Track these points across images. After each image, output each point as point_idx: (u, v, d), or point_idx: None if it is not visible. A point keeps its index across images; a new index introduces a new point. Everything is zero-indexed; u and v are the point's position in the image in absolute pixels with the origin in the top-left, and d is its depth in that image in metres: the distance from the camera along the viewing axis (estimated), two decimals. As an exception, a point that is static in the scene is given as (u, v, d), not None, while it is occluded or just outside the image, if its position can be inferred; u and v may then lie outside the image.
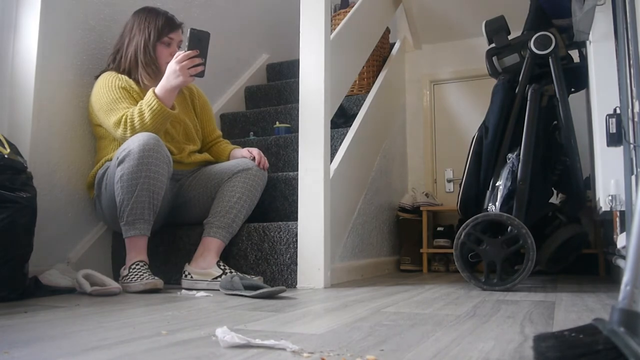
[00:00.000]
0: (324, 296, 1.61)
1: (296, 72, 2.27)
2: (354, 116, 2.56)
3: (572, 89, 2.08)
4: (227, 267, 1.83)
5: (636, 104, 1.30)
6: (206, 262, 1.84)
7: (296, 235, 1.91)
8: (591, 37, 1.74)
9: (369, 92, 2.79)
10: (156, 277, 1.73)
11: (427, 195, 2.96)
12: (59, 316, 1.20)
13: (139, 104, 1.87)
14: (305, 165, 1.96)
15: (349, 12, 2.63)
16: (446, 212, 3.05)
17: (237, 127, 2.94)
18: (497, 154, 1.94)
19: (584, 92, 2.23)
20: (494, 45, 2.05)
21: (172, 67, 1.84)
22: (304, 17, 2.05)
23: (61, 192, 1.98)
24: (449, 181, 3.18)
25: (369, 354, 0.78)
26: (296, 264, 1.89)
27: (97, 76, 2.01)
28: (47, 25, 1.93)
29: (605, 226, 2.34)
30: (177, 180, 2.06)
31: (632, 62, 1.35)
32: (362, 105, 2.65)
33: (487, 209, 1.89)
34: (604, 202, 1.57)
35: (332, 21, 2.82)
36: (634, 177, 1.37)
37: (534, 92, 1.91)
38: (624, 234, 1.48)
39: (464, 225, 1.81)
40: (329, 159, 2.02)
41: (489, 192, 1.92)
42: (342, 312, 1.24)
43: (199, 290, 1.73)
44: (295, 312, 1.25)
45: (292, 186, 2.16)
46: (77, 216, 2.04)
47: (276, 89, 3.20)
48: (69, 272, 1.77)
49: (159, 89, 1.86)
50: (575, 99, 2.12)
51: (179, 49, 2.05)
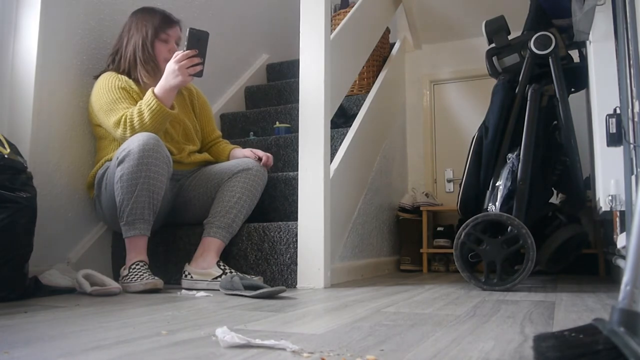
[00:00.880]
0: (324, 296, 1.61)
1: (296, 72, 2.27)
2: (354, 116, 2.56)
3: (572, 89, 2.08)
4: (227, 267, 1.83)
5: (636, 104, 1.30)
6: (206, 262, 1.84)
7: (296, 235, 1.91)
8: (591, 37, 1.74)
9: (369, 92, 2.79)
10: (156, 277, 1.73)
11: (427, 195, 2.96)
12: (59, 316, 1.20)
13: (138, 104, 1.87)
14: (305, 165, 1.96)
15: (349, 12, 2.63)
16: (446, 212, 3.05)
17: (237, 127, 2.94)
18: (497, 154, 1.94)
19: (584, 92, 2.23)
20: (494, 45, 2.05)
21: (170, 67, 1.84)
22: (304, 17, 2.05)
23: (61, 192, 1.98)
24: (449, 181, 3.18)
25: (369, 354, 0.78)
26: (296, 264, 1.89)
27: (97, 76, 2.01)
28: (47, 25, 1.93)
29: (605, 226, 2.34)
30: (177, 180, 2.06)
31: (632, 62, 1.35)
32: (362, 105, 2.65)
33: (487, 209, 1.89)
34: (604, 202, 1.57)
35: (332, 21, 2.82)
36: (634, 177, 1.37)
37: (534, 92, 1.91)
38: (624, 234, 1.48)
39: (464, 225, 1.81)
40: (329, 159, 2.02)
41: (489, 192, 1.92)
42: (342, 312, 1.24)
43: (199, 290, 1.73)
44: (295, 312, 1.25)
45: (292, 186, 2.16)
46: (77, 216, 2.04)
47: (276, 89, 3.20)
48: (69, 272, 1.77)
49: (158, 88, 1.86)
50: (575, 99, 2.12)
51: (178, 46, 2.06)
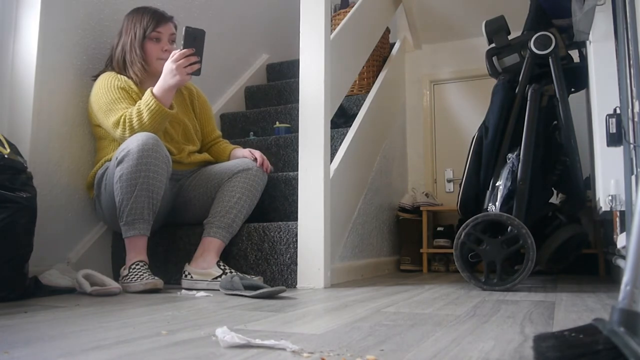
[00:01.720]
0: (324, 296, 1.61)
1: (296, 72, 2.27)
2: (354, 116, 2.56)
3: (572, 89, 2.08)
4: (227, 267, 1.83)
5: (636, 104, 1.30)
6: (206, 262, 1.84)
7: (296, 235, 1.91)
8: (591, 37, 1.74)
9: (369, 92, 2.79)
10: (156, 277, 1.73)
11: (427, 195, 2.96)
12: (59, 316, 1.20)
13: (137, 104, 1.87)
14: (305, 165, 1.96)
15: (349, 12, 2.63)
16: (446, 212, 3.05)
17: (237, 127, 2.94)
18: (497, 154, 1.94)
19: (584, 92, 2.23)
20: (494, 45, 2.05)
21: (168, 66, 1.84)
22: (304, 17, 2.05)
23: (61, 192, 1.98)
24: (449, 181, 3.18)
25: (369, 354, 0.78)
26: (296, 264, 1.89)
27: (95, 77, 2.02)
28: (47, 25, 1.93)
29: (605, 226, 2.34)
30: (177, 180, 2.06)
31: (632, 62, 1.35)
32: (362, 105, 2.65)
33: (487, 209, 1.89)
34: (604, 202, 1.57)
35: (332, 21, 2.82)
36: (634, 177, 1.37)
37: (534, 92, 1.91)
38: (624, 234, 1.48)
39: (464, 225, 1.81)
40: (329, 159, 2.02)
41: (489, 192, 1.92)
42: (342, 312, 1.24)
43: (199, 290, 1.73)
44: (295, 312, 1.25)
45: (292, 186, 2.16)
46: (77, 216, 2.04)
47: (276, 89, 3.20)
48: (69, 272, 1.77)
49: (157, 88, 1.86)
50: (575, 99, 2.12)
51: (173, 43, 2.05)
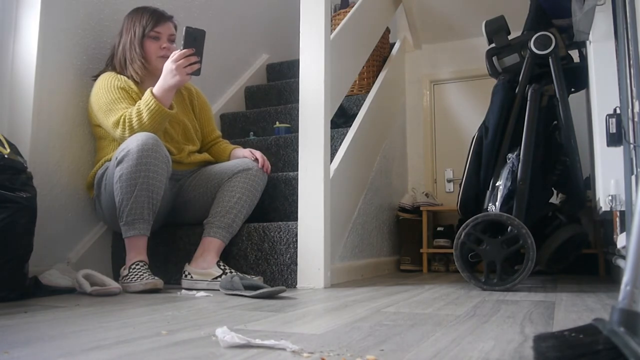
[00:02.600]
0: (324, 296, 1.61)
1: (296, 72, 2.27)
2: (354, 116, 2.56)
3: (572, 89, 2.08)
4: (227, 267, 1.83)
5: (636, 104, 1.30)
6: (206, 262, 1.84)
7: (296, 235, 1.91)
8: (591, 37, 1.74)
9: (369, 92, 2.79)
10: (156, 277, 1.73)
11: (427, 195, 2.96)
12: (59, 316, 1.20)
13: (137, 104, 1.87)
14: (305, 165, 1.96)
15: (349, 12, 2.63)
16: (446, 212, 3.05)
17: (237, 127, 2.94)
18: (497, 154, 1.94)
19: (584, 92, 2.23)
20: (494, 45, 2.05)
21: (168, 66, 1.84)
22: (304, 17, 2.05)
23: (61, 192, 1.98)
24: (449, 181, 3.18)
25: (369, 354, 0.78)
26: (296, 264, 1.89)
27: (95, 77, 2.02)
28: (47, 25, 1.93)
29: (605, 226, 2.34)
30: (177, 180, 2.06)
31: (632, 62, 1.35)
32: (362, 105, 2.65)
33: (487, 209, 1.89)
34: (604, 202, 1.57)
35: (332, 21, 2.82)
36: (634, 177, 1.37)
37: (534, 92, 1.91)
38: (624, 234, 1.48)
39: (464, 225, 1.81)
40: (329, 159, 2.02)
41: (489, 192, 1.92)
42: (342, 312, 1.24)
43: (199, 290, 1.73)
44: (295, 312, 1.25)
45: (292, 186, 2.16)
46: (77, 216, 2.04)
47: (276, 89, 3.19)
48: (69, 272, 1.77)
49: (157, 88, 1.86)
50: (575, 99, 2.12)
51: (172, 43, 2.05)
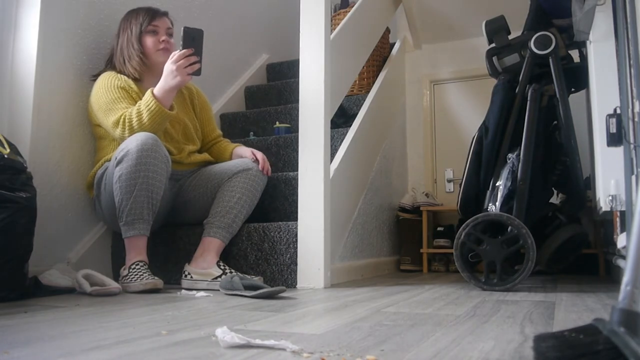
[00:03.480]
0: (324, 296, 1.61)
1: (296, 72, 2.27)
2: (354, 116, 2.56)
3: (572, 89, 2.08)
4: (227, 267, 1.83)
5: (636, 104, 1.30)
6: (206, 262, 1.84)
7: (296, 235, 1.91)
8: (591, 37, 1.74)
9: (369, 92, 2.79)
10: (156, 277, 1.73)
11: (427, 195, 2.96)
12: (59, 316, 1.20)
13: (137, 104, 1.87)
14: (305, 165, 1.96)
15: (349, 12, 2.63)
16: (446, 212, 3.05)
17: (237, 127, 2.94)
18: (497, 154, 1.94)
19: (584, 92, 2.23)
20: (494, 45, 2.05)
21: (168, 67, 1.84)
22: (304, 17, 2.05)
23: (61, 192, 1.98)
24: (449, 181, 3.18)
25: (369, 354, 0.78)
26: (296, 264, 1.89)
27: (95, 76, 2.02)
28: (47, 25, 1.93)
29: (605, 226, 2.34)
30: (177, 180, 2.06)
31: (632, 62, 1.35)
32: (362, 105, 2.65)
33: (487, 209, 1.89)
34: (604, 202, 1.57)
35: (332, 21, 2.82)
36: (634, 177, 1.37)
37: (534, 92, 1.91)
38: (624, 234, 1.48)
39: (464, 225, 1.81)
40: (329, 159, 2.02)
41: (489, 192, 1.92)
42: (342, 312, 1.24)
43: (199, 290, 1.73)
44: (295, 312, 1.25)
45: (292, 186, 2.16)
46: (77, 216, 2.04)
47: (276, 89, 3.19)
48: (69, 272, 1.77)
49: (157, 89, 1.86)
50: (575, 99, 2.12)
51: (171, 37, 2.06)
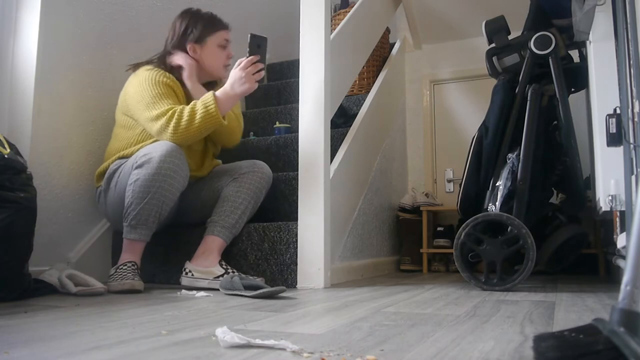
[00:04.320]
0: (324, 296, 1.61)
1: (296, 72, 2.27)
2: (354, 116, 2.56)
3: (572, 89, 2.08)
4: (229, 267, 1.82)
5: (636, 104, 1.30)
6: (208, 261, 1.84)
7: (296, 235, 1.91)
8: (591, 37, 1.74)
9: (369, 92, 2.79)
10: (137, 279, 1.71)
11: (427, 195, 2.96)
12: (59, 316, 1.20)
13: (193, 103, 1.84)
14: (305, 165, 1.96)
15: (349, 12, 2.63)
16: (446, 212, 3.05)
17: (237, 127, 2.94)
18: (497, 154, 1.94)
19: (584, 92, 2.23)
20: (494, 45, 2.05)
21: (237, 74, 1.82)
22: (304, 17, 2.05)
23: (61, 192, 1.98)
24: (449, 181, 3.18)
25: (369, 354, 0.78)
26: (296, 264, 1.89)
27: (133, 65, 1.99)
28: (47, 25, 1.93)
29: (605, 226, 2.34)
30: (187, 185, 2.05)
31: (632, 62, 1.35)
32: (362, 105, 2.65)
33: (487, 209, 1.89)
34: (604, 202, 1.57)
35: (332, 21, 2.82)
36: (634, 177, 1.37)
37: (534, 92, 1.91)
38: (624, 234, 1.47)
39: (464, 225, 1.81)
40: (329, 159, 2.02)
41: (489, 192, 1.92)
42: (342, 312, 1.24)
43: (198, 289, 1.73)
44: (295, 312, 1.25)
45: (292, 186, 2.16)
46: (77, 216, 2.04)
47: (276, 89, 3.19)
48: (57, 273, 1.74)
49: (221, 93, 1.84)
50: (575, 99, 2.12)
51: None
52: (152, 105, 1.84)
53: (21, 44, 1.92)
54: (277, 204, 2.20)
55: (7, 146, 1.62)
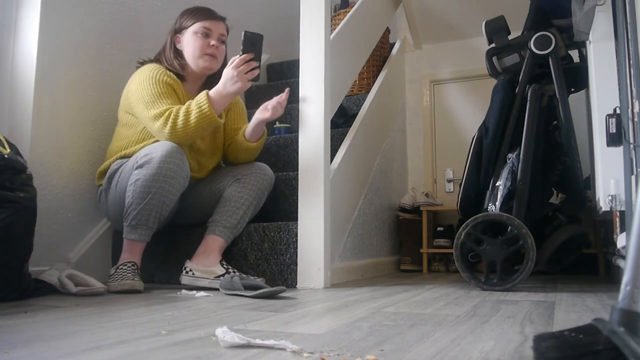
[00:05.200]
0: (324, 296, 1.61)
1: (296, 72, 2.27)
2: (354, 116, 2.56)
3: (572, 89, 2.08)
4: (230, 267, 1.82)
5: (636, 104, 1.30)
6: (209, 260, 1.83)
7: (296, 235, 1.91)
8: (591, 37, 1.74)
9: (369, 92, 2.79)
10: (137, 279, 1.71)
11: (427, 195, 2.96)
12: (59, 316, 1.20)
13: (187, 103, 1.84)
14: (305, 165, 1.96)
15: (349, 12, 2.64)
16: (446, 212, 3.05)
17: (237, 127, 2.93)
18: (497, 154, 1.94)
19: (584, 92, 2.23)
20: (494, 45, 2.05)
21: (229, 73, 1.81)
22: (304, 17, 2.05)
23: (61, 192, 1.98)
24: (449, 181, 3.18)
25: (369, 354, 0.78)
26: (296, 264, 1.89)
27: (141, 63, 1.99)
28: (47, 25, 1.93)
29: (605, 226, 2.34)
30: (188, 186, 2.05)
31: (632, 62, 1.35)
32: (362, 105, 2.65)
33: (487, 209, 1.89)
34: (604, 202, 1.57)
35: (332, 21, 2.82)
36: (634, 177, 1.37)
37: (534, 92, 1.91)
38: (624, 234, 1.48)
39: (464, 225, 1.81)
40: (329, 159, 2.02)
41: (488, 192, 1.92)
42: (342, 312, 1.24)
43: (199, 288, 1.73)
44: (295, 312, 1.25)
45: (292, 186, 2.16)
46: (77, 216, 2.04)
47: (276, 89, 3.19)
48: (60, 273, 1.75)
49: (214, 92, 1.83)
50: (575, 99, 2.12)
51: (221, 43, 2.02)
52: (150, 104, 1.84)
53: (21, 44, 1.92)
54: (277, 204, 2.20)
55: (7, 146, 1.62)
